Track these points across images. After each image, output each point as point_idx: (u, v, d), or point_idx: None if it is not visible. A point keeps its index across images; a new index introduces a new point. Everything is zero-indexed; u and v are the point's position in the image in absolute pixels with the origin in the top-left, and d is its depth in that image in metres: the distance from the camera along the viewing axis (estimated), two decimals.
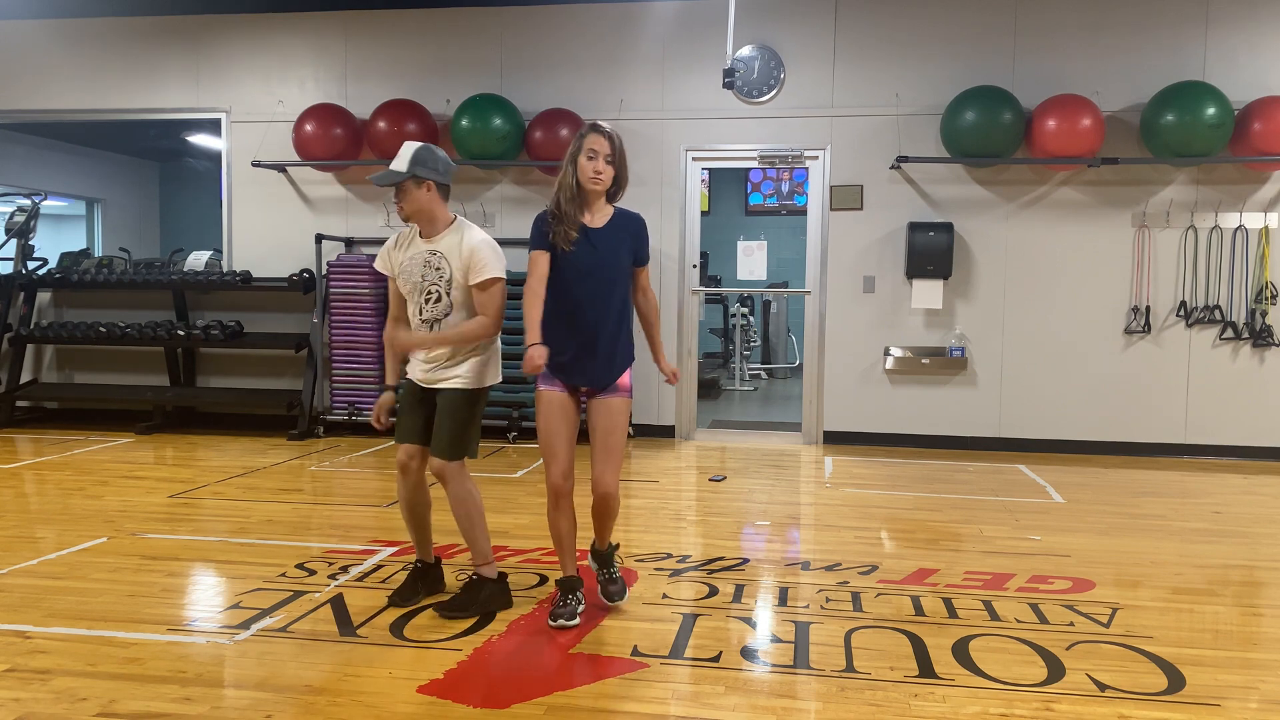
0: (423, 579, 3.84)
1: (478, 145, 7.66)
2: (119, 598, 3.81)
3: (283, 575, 4.10)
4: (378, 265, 3.78)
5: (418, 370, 3.70)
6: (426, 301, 3.64)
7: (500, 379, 3.77)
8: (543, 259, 3.42)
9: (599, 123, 3.48)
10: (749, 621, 3.66)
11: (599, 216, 3.49)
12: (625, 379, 3.55)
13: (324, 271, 7.96)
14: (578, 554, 3.70)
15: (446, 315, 3.62)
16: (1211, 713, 2.90)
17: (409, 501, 3.76)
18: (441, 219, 3.65)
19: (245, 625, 3.51)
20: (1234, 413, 7.35)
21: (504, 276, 3.61)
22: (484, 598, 3.67)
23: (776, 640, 3.46)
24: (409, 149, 3.60)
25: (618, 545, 3.85)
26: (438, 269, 3.61)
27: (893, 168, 7.55)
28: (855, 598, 3.91)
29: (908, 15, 7.60)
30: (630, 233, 3.54)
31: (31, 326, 8.46)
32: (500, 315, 3.62)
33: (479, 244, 3.58)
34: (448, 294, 3.61)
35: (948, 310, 7.61)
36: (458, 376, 3.62)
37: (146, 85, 8.48)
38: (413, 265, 3.65)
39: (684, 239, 7.96)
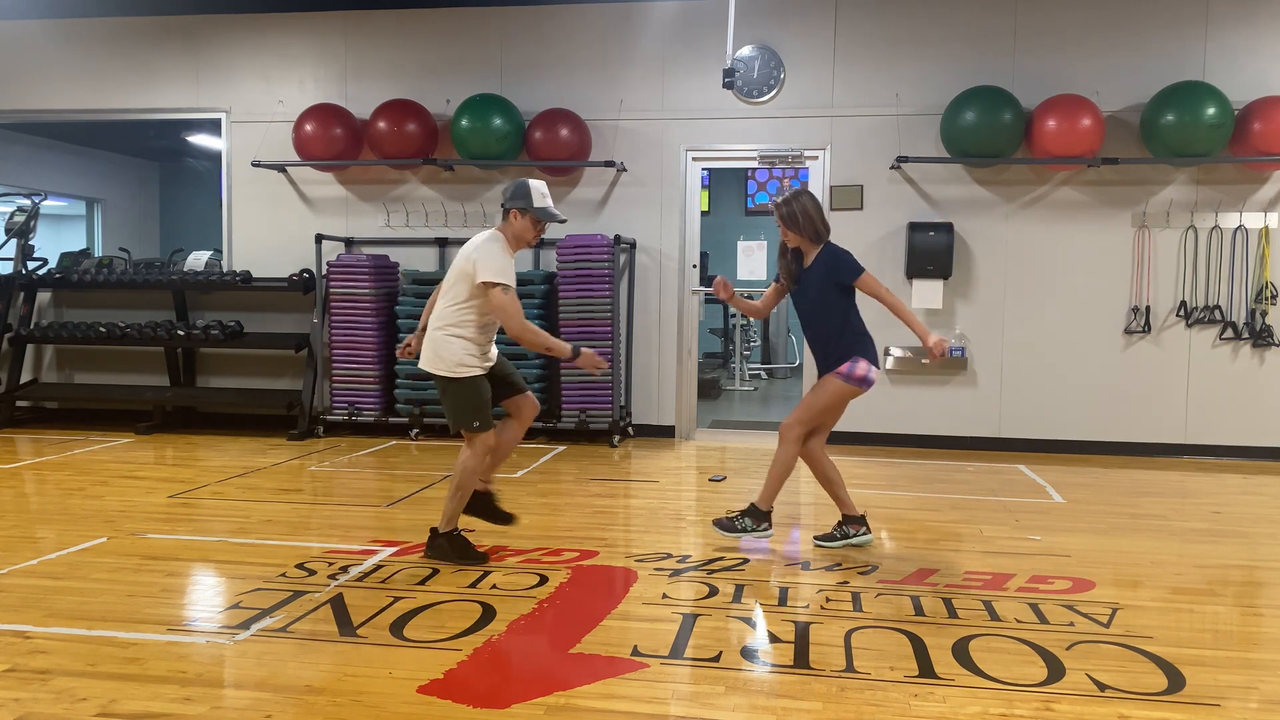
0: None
1: (478, 145, 7.66)
2: (119, 598, 3.81)
3: (283, 575, 4.10)
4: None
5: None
6: None
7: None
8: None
9: (776, 204, 4.56)
10: (749, 621, 3.66)
11: (808, 258, 4.65)
12: (842, 368, 4.55)
13: (324, 271, 7.95)
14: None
15: None
16: (1211, 713, 2.90)
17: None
18: None
19: (245, 625, 3.51)
20: (1234, 413, 7.35)
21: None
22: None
23: (776, 640, 3.46)
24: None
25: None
26: None
27: (893, 168, 7.55)
28: (855, 598, 3.91)
29: (908, 15, 7.60)
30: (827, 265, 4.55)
31: (31, 326, 8.46)
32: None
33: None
34: None
35: (948, 310, 7.61)
36: None
37: (146, 85, 8.48)
38: None
39: (684, 239, 7.96)
